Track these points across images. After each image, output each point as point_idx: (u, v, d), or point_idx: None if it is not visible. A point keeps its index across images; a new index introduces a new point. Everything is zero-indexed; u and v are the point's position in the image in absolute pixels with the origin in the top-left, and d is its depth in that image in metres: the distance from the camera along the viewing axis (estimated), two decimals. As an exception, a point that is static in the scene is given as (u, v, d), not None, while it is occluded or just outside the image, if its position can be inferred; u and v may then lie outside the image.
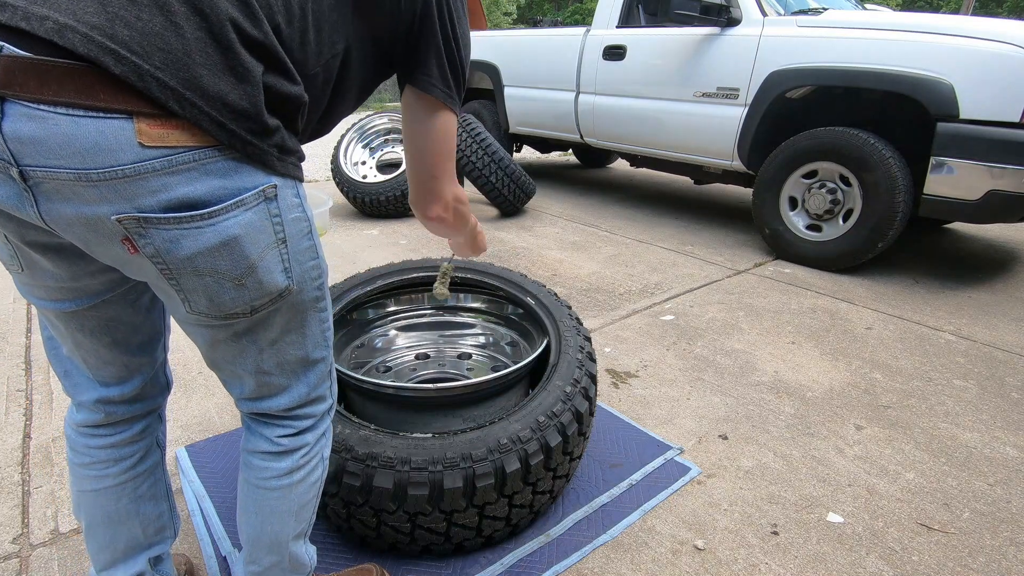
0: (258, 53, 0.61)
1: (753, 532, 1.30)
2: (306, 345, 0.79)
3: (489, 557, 1.20)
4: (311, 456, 0.87)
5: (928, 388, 1.89)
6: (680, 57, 3.38)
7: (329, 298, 0.82)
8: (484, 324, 1.73)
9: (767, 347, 2.15)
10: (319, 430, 0.87)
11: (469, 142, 3.72)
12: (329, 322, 0.83)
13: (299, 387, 0.82)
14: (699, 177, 4.01)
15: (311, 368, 0.82)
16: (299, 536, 0.91)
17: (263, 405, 0.82)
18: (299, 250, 0.71)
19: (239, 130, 0.60)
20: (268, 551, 0.89)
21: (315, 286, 0.76)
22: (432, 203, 0.92)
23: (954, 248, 3.46)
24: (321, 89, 0.75)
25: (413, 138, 0.87)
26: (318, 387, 0.85)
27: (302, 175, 0.72)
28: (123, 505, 0.91)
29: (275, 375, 0.79)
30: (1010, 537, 1.30)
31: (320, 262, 0.77)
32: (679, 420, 1.71)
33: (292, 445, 0.84)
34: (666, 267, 3.01)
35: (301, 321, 0.77)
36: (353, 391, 1.35)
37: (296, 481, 0.86)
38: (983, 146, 2.38)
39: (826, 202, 2.89)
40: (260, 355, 0.76)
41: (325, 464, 0.91)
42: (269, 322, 0.74)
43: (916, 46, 2.51)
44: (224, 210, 0.62)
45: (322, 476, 0.91)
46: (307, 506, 0.89)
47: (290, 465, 0.84)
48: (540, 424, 1.14)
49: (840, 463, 1.53)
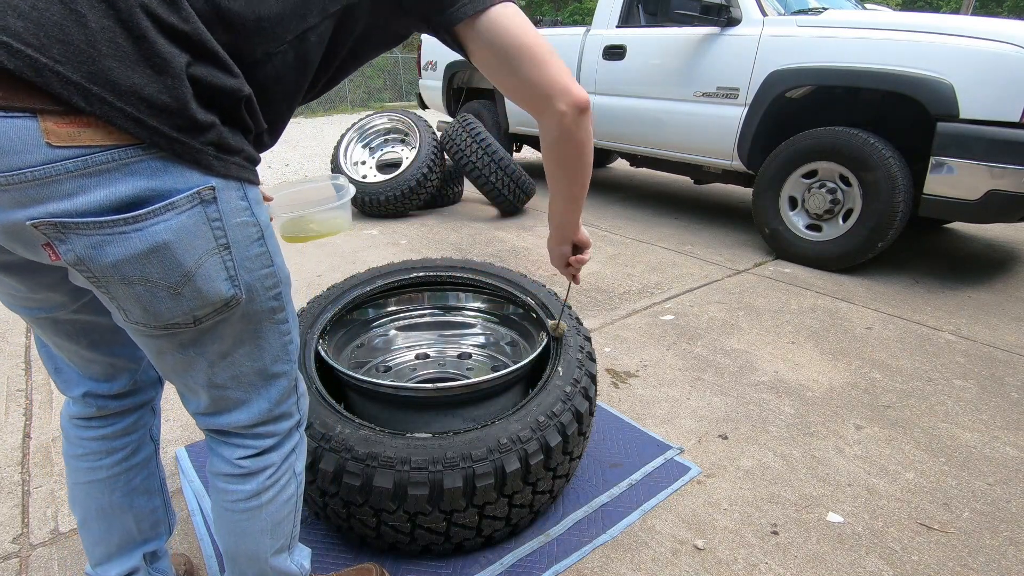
0: (180, 42, 0.56)
1: (753, 532, 1.30)
2: (263, 358, 0.75)
3: (489, 557, 1.20)
4: (279, 475, 0.83)
5: (928, 388, 1.89)
6: (680, 57, 3.37)
7: (291, 309, 0.77)
8: (484, 324, 1.72)
9: (767, 347, 2.15)
10: (284, 448, 0.83)
11: (469, 142, 3.72)
12: (292, 335, 0.78)
13: (259, 402, 0.77)
14: (699, 177, 4.01)
15: (271, 383, 0.77)
16: (279, 551, 0.88)
17: (220, 421, 0.77)
18: (247, 257, 0.66)
19: (162, 127, 0.55)
20: (249, 566, 0.87)
21: (270, 296, 0.71)
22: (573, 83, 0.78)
23: (954, 248, 3.46)
24: (294, 67, 0.69)
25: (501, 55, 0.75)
26: (281, 403, 0.80)
27: (252, 176, 0.66)
28: (116, 498, 0.91)
29: (231, 389, 0.74)
30: (1010, 537, 1.30)
31: (276, 270, 0.71)
32: (679, 420, 1.71)
33: (255, 467, 0.80)
34: (666, 267, 3.01)
35: (255, 333, 0.72)
36: (353, 391, 1.35)
37: (265, 502, 0.82)
38: (983, 146, 2.38)
39: (826, 202, 2.89)
40: (211, 368, 0.72)
41: (299, 478, 0.87)
42: (218, 333, 0.69)
43: (916, 46, 2.51)
44: (152, 214, 0.57)
45: (297, 491, 0.87)
46: (283, 523, 0.86)
47: (256, 487, 0.81)
48: (540, 424, 1.14)
49: (840, 463, 1.53)
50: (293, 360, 0.80)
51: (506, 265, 2.93)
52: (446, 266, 1.68)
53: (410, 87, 16.53)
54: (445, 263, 1.69)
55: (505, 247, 3.30)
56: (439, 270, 1.66)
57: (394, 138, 4.17)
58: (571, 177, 0.91)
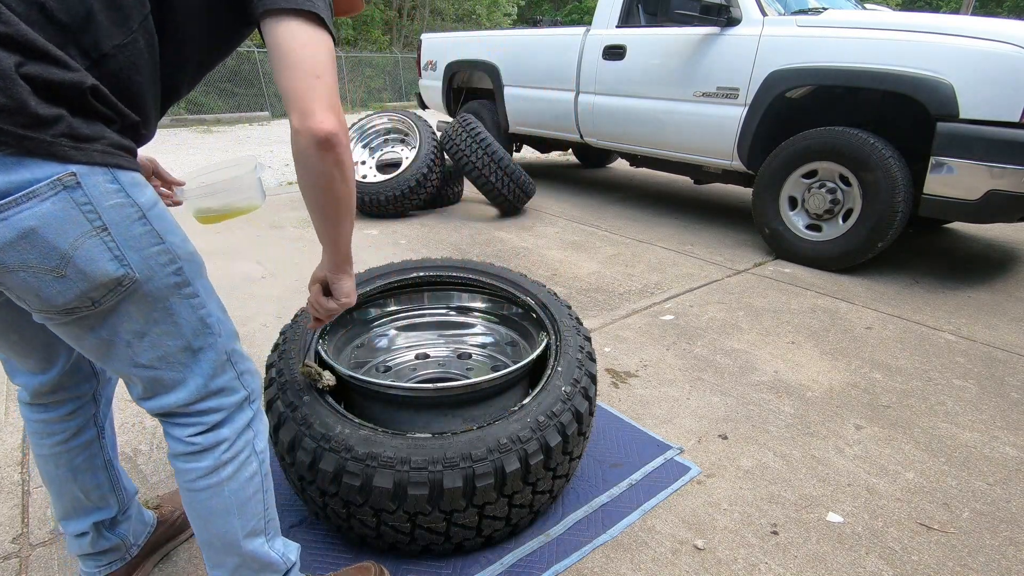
0: (6, 45, 0.58)
1: (753, 532, 1.30)
2: (183, 334, 0.77)
3: (489, 557, 1.20)
4: (236, 451, 0.85)
5: (928, 388, 1.89)
6: (680, 57, 3.38)
7: (202, 284, 0.79)
8: (484, 324, 1.72)
9: (767, 347, 2.15)
10: (236, 423, 0.85)
11: (469, 142, 3.72)
12: (208, 308, 0.80)
13: (193, 380, 0.80)
14: (699, 177, 4.01)
15: (198, 358, 0.80)
16: (253, 534, 0.89)
17: (161, 403, 0.80)
18: (131, 236, 0.69)
19: (5, 126, 0.58)
20: (224, 553, 0.89)
21: (169, 272, 0.74)
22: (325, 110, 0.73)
23: (954, 248, 3.46)
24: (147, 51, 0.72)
25: (278, 58, 0.74)
26: (216, 377, 0.82)
27: (121, 162, 0.68)
28: (61, 472, 0.99)
29: (160, 369, 0.77)
30: (1010, 537, 1.30)
31: (170, 247, 0.73)
32: (679, 420, 1.71)
33: (207, 443, 0.82)
34: (666, 267, 3.01)
35: (165, 310, 0.75)
36: (353, 391, 1.35)
37: (225, 478, 0.84)
38: (983, 146, 2.38)
39: (826, 202, 2.89)
40: (130, 349, 0.75)
41: (261, 458, 0.89)
42: (123, 313, 0.72)
43: (916, 46, 2.51)
44: (13, 203, 0.60)
45: (260, 470, 0.89)
46: (249, 502, 0.87)
47: (212, 463, 0.83)
48: (540, 424, 1.14)
49: (840, 463, 1.53)
50: (217, 334, 0.82)
51: (506, 265, 2.93)
52: (446, 266, 1.68)
53: (410, 87, 16.53)
54: (445, 263, 1.69)
55: (505, 247, 3.30)
56: (439, 270, 1.67)
57: (394, 138, 4.17)
58: (317, 206, 0.83)
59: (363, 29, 17.50)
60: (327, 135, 0.73)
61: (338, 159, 0.77)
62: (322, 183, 0.79)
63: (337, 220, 0.86)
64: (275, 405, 1.19)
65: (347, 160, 0.78)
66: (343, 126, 0.76)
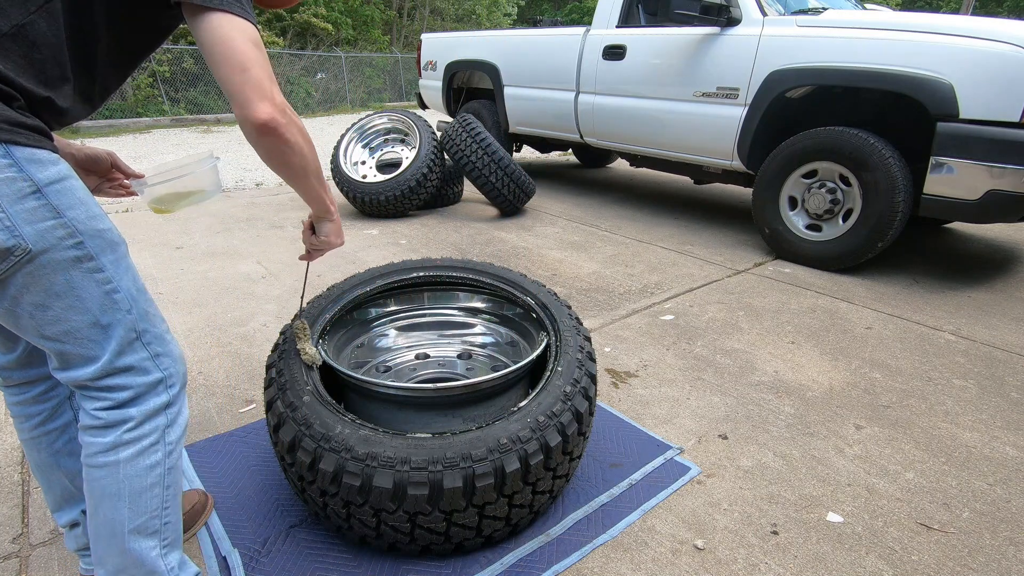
0: None
1: (753, 532, 1.30)
2: (89, 309, 0.79)
3: (489, 557, 1.20)
4: (140, 434, 0.85)
5: (928, 388, 1.89)
6: (680, 57, 3.38)
7: (109, 261, 0.80)
8: (484, 324, 1.72)
9: (767, 347, 2.15)
10: (146, 405, 0.85)
11: (469, 142, 3.72)
12: (115, 284, 0.81)
13: (101, 355, 0.81)
14: (699, 177, 4.01)
15: (107, 334, 0.81)
16: (142, 532, 0.87)
17: (71, 375, 0.82)
18: (23, 210, 0.71)
19: None
20: (108, 546, 0.87)
21: (67, 245, 0.75)
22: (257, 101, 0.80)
23: (954, 248, 3.46)
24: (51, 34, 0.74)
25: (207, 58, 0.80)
26: (123, 355, 0.83)
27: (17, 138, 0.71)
28: (44, 456, 1.01)
29: (68, 344, 0.79)
30: (1010, 537, 1.30)
31: (70, 221, 0.75)
32: (679, 420, 1.71)
33: (112, 419, 0.83)
34: (666, 267, 3.01)
35: (67, 283, 0.76)
36: (353, 391, 1.35)
37: (122, 459, 0.84)
38: (983, 146, 2.38)
39: (826, 202, 2.89)
40: (33, 320, 0.77)
41: (169, 449, 0.88)
42: (23, 284, 0.74)
43: (916, 46, 2.51)
44: None
45: (164, 463, 0.88)
46: (144, 494, 0.86)
47: (113, 440, 0.83)
48: (540, 424, 1.14)
49: (840, 463, 1.53)
50: (126, 311, 0.83)
51: (506, 265, 2.93)
52: (446, 266, 1.68)
53: (410, 87, 16.52)
54: (445, 263, 1.69)
55: (505, 247, 3.30)
56: (439, 270, 1.67)
57: (394, 138, 4.17)
58: (280, 175, 0.95)
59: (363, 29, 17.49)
60: (263, 123, 0.82)
61: (281, 138, 0.85)
62: (275, 159, 0.89)
63: (300, 180, 0.97)
64: (275, 405, 1.19)
65: (291, 137, 0.86)
66: (279, 108, 0.83)
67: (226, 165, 5.85)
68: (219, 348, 2.09)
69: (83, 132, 8.95)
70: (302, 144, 0.90)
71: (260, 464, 1.48)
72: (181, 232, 3.50)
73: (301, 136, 0.89)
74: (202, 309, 2.42)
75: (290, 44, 14.56)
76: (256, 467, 1.47)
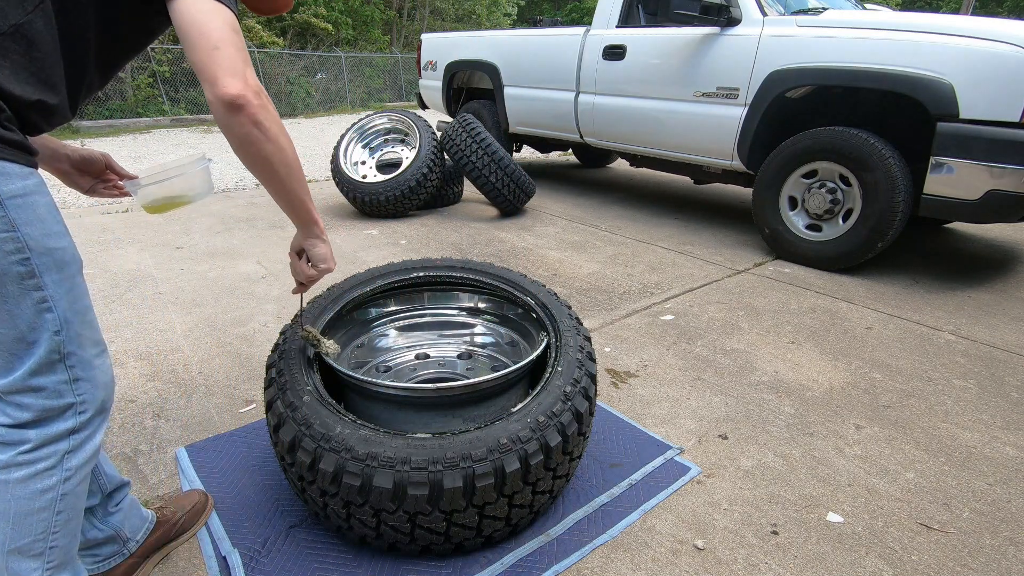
0: None
1: (753, 532, 1.30)
2: (16, 324, 0.77)
3: (489, 557, 1.20)
4: (35, 458, 0.82)
5: (928, 388, 1.89)
6: (680, 57, 3.38)
7: (53, 278, 0.79)
8: (484, 324, 1.73)
9: (767, 347, 2.15)
10: (47, 429, 0.83)
11: (469, 142, 3.72)
12: (51, 303, 0.79)
13: (14, 369, 0.79)
14: (699, 177, 4.01)
15: (28, 351, 0.79)
16: (22, 553, 0.83)
17: None
18: None
19: None
20: None
21: (12, 260, 0.75)
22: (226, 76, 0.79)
23: (954, 248, 3.46)
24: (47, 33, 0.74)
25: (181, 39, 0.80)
26: (38, 375, 0.80)
27: None
28: None
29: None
30: (1010, 537, 1.30)
31: (22, 237, 0.75)
32: (679, 420, 1.71)
33: (8, 438, 0.81)
34: (666, 267, 3.01)
35: (2, 296, 0.76)
36: (353, 391, 1.35)
37: (13, 480, 0.81)
38: (983, 146, 2.38)
39: (826, 202, 2.89)
40: None
41: (66, 474, 0.85)
42: None
43: (916, 46, 2.51)
44: None
45: (57, 487, 0.84)
46: (29, 517, 0.83)
47: (6, 460, 0.81)
48: (540, 424, 1.14)
49: (840, 463, 1.53)
50: (53, 331, 0.80)
51: (506, 265, 2.93)
52: (446, 266, 1.68)
53: (410, 87, 16.52)
54: (445, 263, 1.69)
55: (505, 247, 3.30)
56: (439, 270, 1.67)
57: (394, 138, 4.17)
58: (253, 171, 0.90)
59: (363, 29, 17.50)
60: (232, 98, 0.79)
61: (253, 118, 0.81)
62: (247, 147, 0.84)
63: (280, 181, 0.90)
64: (275, 405, 1.19)
65: (264, 118, 0.82)
66: (251, 88, 0.80)
67: (226, 165, 5.85)
68: (219, 348, 2.09)
69: (83, 132, 8.96)
70: (278, 134, 0.86)
71: (260, 464, 1.48)
72: (181, 232, 3.50)
73: (276, 126, 0.85)
74: (202, 309, 2.42)
75: (290, 44, 14.57)
76: (256, 467, 1.47)
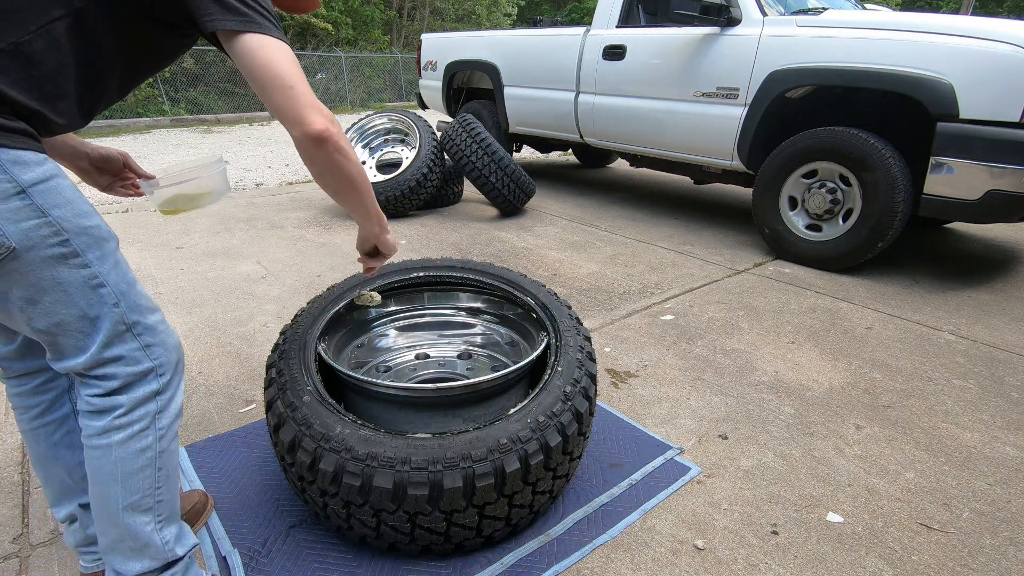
0: None
1: (753, 532, 1.30)
2: (76, 303, 0.81)
3: (489, 557, 1.20)
4: (131, 420, 0.88)
5: (928, 388, 1.89)
6: (680, 57, 3.38)
7: (96, 257, 0.82)
8: (484, 324, 1.72)
9: (767, 347, 2.15)
10: (135, 393, 0.88)
11: (469, 142, 3.72)
12: (102, 279, 0.83)
13: (90, 347, 0.84)
14: (699, 177, 4.01)
15: (95, 326, 0.84)
16: (135, 509, 0.91)
17: (64, 364, 0.86)
18: (6, 210, 0.74)
19: None
20: (106, 520, 0.91)
21: (52, 243, 0.78)
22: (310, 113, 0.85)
23: (954, 248, 3.46)
24: (49, 54, 0.77)
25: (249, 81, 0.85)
26: (111, 346, 0.85)
27: (6, 141, 0.74)
28: (42, 449, 1.03)
29: (59, 335, 0.82)
30: (1010, 537, 1.30)
31: (55, 220, 0.77)
32: (679, 420, 1.71)
33: (103, 405, 0.87)
34: (666, 267, 3.01)
35: (53, 279, 0.79)
36: (353, 391, 1.35)
37: (115, 442, 0.88)
38: (983, 146, 2.38)
39: (826, 202, 2.89)
40: (24, 314, 0.80)
41: (160, 432, 0.92)
42: (10, 280, 0.77)
43: (916, 46, 2.51)
44: None
45: (156, 445, 0.91)
46: (136, 475, 0.90)
47: (105, 425, 0.87)
48: (540, 424, 1.14)
49: (840, 463, 1.53)
50: (112, 304, 0.85)
51: (506, 265, 2.93)
52: (446, 266, 1.68)
53: (410, 87, 16.51)
54: (445, 263, 1.69)
55: (505, 247, 3.30)
56: (439, 270, 1.67)
57: (394, 138, 4.17)
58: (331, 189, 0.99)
59: (363, 29, 17.49)
60: (319, 133, 0.86)
61: (337, 146, 0.90)
62: (333, 171, 0.94)
63: (358, 194, 1.02)
64: (275, 405, 1.19)
65: (345, 144, 0.91)
66: (329, 118, 0.88)
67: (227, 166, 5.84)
68: (219, 348, 2.09)
69: (84, 132, 8.95)
70: (352, 152, 0.94)
71: (260, 464, 1.48)
72: (181, 232, 3.50)
73: (349, 145, 0.93)
74: (202, 309, 2.42)
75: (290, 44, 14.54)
76: (256, 467, 1.47)
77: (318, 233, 3.55)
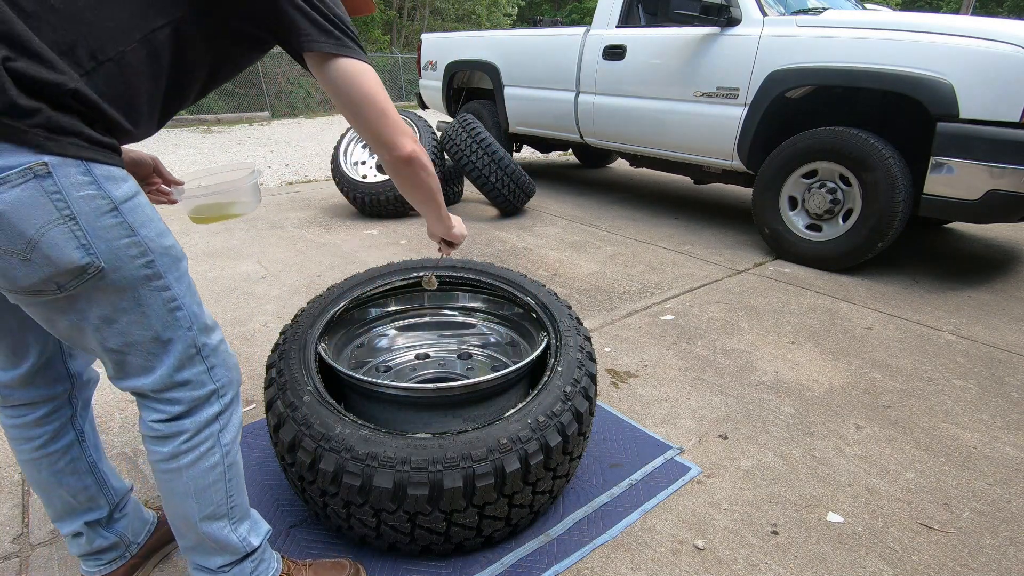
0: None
1: (753, 532, 1.30)
2: (152, 325, 0.80)
3: (489, 557, 1.20)
4: (197, 443, 0.88)
5: (928, 388, 1.89)
6: (680, 57, 3.38)
7: (175, 279, 0.81)
8: (484, 324, 1.72)
9: (767, 347, 2.15)
10: (199, 416, 0.87)
11: (469, 142, 3.72)
12: (180, 302, 0.82)
13: (159, 368, 0.83)
14: (699, 177, 4.01)
15: (167, 349, 0.82)
16: (212, 518, 0.92)
17: (129, 384, 0.84)
18: (100, 227, 0.71)
19: None
20: (184, 529, 0.93)
21: (138, 264, 0.76)
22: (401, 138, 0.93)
23: (954, 248, 3.46)
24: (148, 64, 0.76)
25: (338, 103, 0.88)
26: (181, 370, 0.84)
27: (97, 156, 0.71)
28: (44, 476, 1.00)
29: (129, 355, 0.81)
30: (1010, 537, 1.30)
31: (142, 240, 0.76)
32: (679, 420, 1.71)
33: (168, 431, 0.86)
34: (666, 267, 3.01)
35: (135, 300, 0.77)
36: (353, 391, 1.35)
37: (184, 465, 0.88)
38: (983, 146, 2.38)
39: (826, 202, 2.89)
40: (98, 333, 0.78)
41: (225, 449, 0.92)
42: (92, 299, 0.75)
43: (916, 46, 2.51)
44: None
45: (223, 460, 0.91)
46: (208, 490, 0.91)
47: (172, 450, 0.87)
48: (540, 424, 1.14)
49: (840, 463, 1.53)
50: (187, 328, 0.84)
51: (506, 265, 2.93)
52: (446, 266, 1.68)
53: (410, 87, 16.51)
54: (445, 263, 1.69)
55: (505, 247, 3.30)
56: (439, 270, 1.67)
57: (394, 138, 4.16)
58: (412, 197, 1.10)
59: (363, 29, 17.49)
60: (409, 156, 0.96)
61: (421, 165, 1.00)
62: (417, 184, 1.04)
63: (435, 203, 1.14)
64: (275, 405, 1.19)
65: (427, 162, 1.01)
66: (414, 140, 0.96)
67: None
68: (219, 348, 2.09)
69: (83, 132, 8.93)
70: (432, 168, 1.03)
71: (260, 464, 1.48)
72: (181, 232, 3.50)
73: (429, 159, 1.01)
74: (202, 309, 2.41)
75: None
76: (256, 467, 1.47)
77: (318, 233, 3.55)
